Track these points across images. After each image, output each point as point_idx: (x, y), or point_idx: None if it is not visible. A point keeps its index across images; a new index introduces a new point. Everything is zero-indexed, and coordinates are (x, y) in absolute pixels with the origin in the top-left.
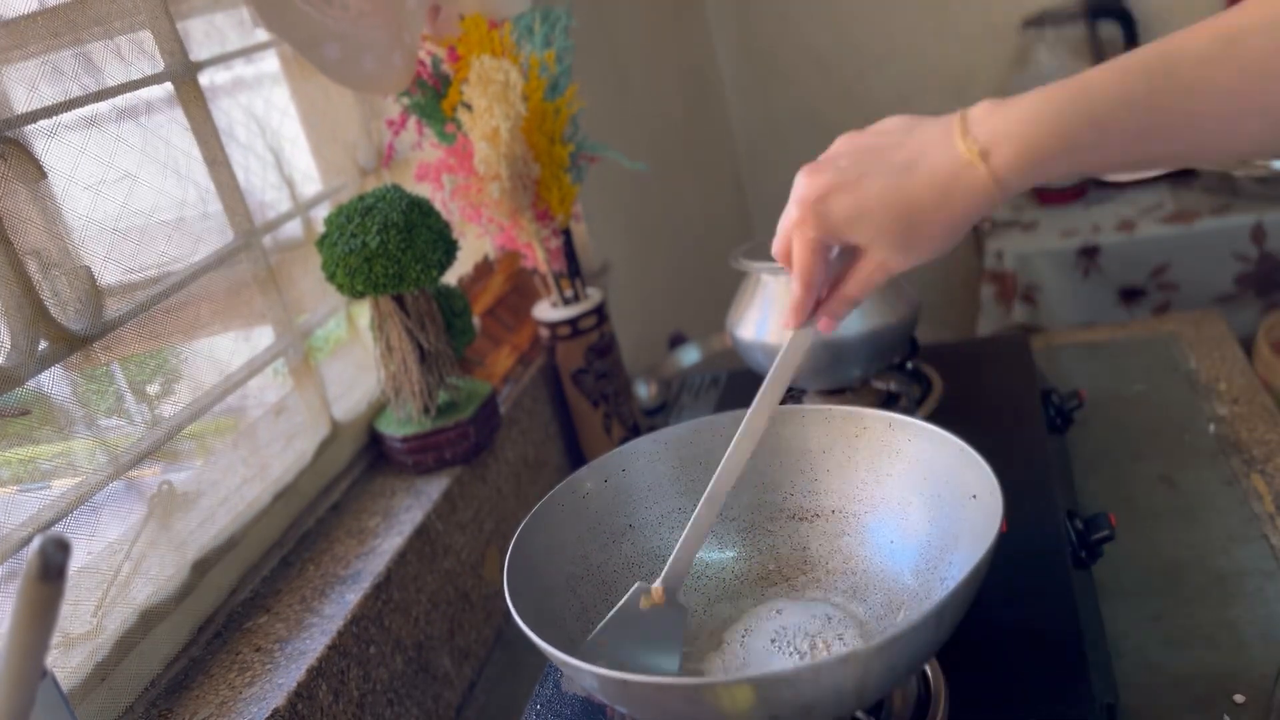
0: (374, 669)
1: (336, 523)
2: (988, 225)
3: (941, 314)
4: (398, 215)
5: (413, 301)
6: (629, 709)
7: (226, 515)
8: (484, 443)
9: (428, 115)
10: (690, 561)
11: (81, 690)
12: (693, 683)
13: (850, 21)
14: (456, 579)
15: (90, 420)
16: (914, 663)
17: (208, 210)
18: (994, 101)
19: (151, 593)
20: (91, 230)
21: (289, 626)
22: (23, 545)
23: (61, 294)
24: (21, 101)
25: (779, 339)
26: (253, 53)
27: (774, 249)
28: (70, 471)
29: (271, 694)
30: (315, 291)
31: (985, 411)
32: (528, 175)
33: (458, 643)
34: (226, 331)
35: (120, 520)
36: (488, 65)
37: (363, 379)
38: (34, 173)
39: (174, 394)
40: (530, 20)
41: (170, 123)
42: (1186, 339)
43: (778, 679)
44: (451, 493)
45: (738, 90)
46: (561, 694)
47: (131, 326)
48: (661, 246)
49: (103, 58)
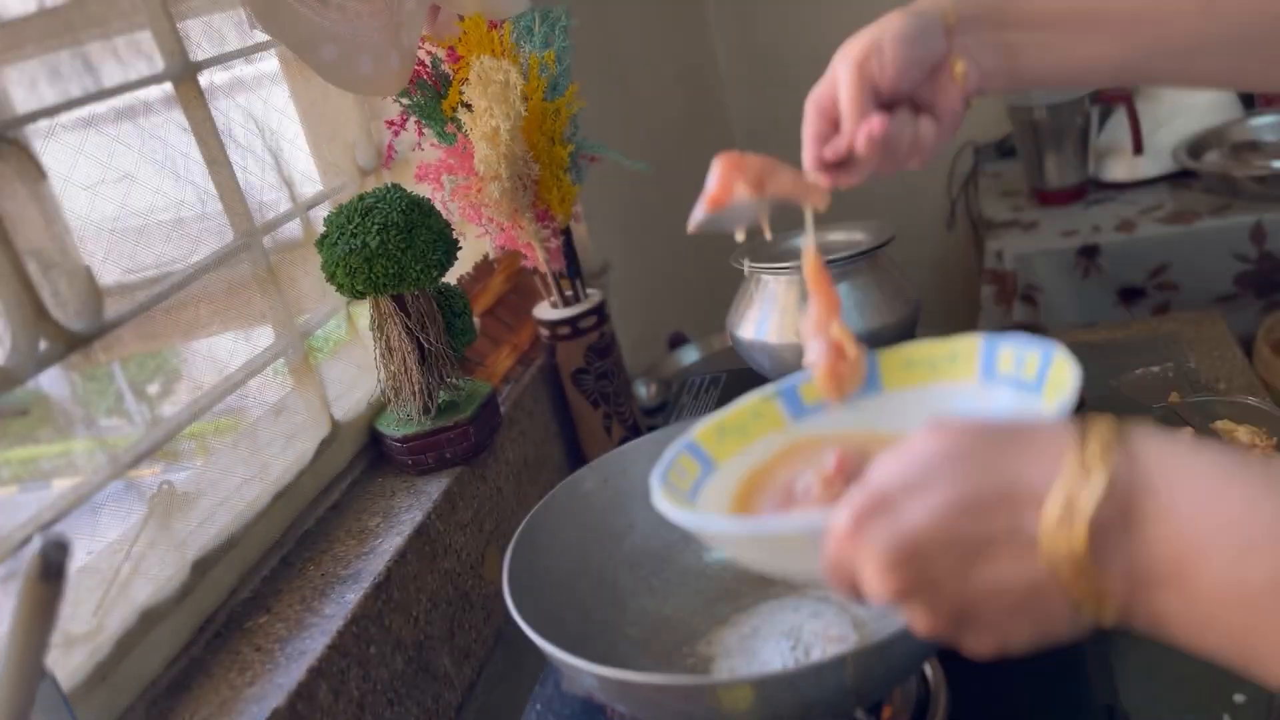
0: (374, 669)
1: (337, 523)
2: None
3: (941, 314)
4: (398, 215)
5: (413, 301)
6: (629, 708)
7: (226, 515)
8: (484, 443)
9: (427, 115)
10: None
11: (81, 690)
12: (693, 682)
13: (850, 22)
14: (456, 579)
15: (90, 420)
16: (914, 663)
17: (207, 210)
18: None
19: (151, 593)
20: (91, 230)
21: (289, 626)
22: (23, 545)
23: (61, 294)
24: (21, 102)
25: (779, 339)
26: (252, 53)
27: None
28: (70, 471)
29: (272, 694)
30: (315, 291)
31: None
32: (528, 175)
33: (458, 643)
34: (226, 332)
35: (120, 520)
36: (487, 65)
37: (363, 379)
38: (33, 173)
39: (174, 394)
40: (530, 20)
41: (169, 123)
42: (1186, 339)
43: (778, 679)
44: (451, 493)
45: (738, 90)
46: (561, 694)
47: (131, 326)
48: (661, 246)
49: (101, 58)
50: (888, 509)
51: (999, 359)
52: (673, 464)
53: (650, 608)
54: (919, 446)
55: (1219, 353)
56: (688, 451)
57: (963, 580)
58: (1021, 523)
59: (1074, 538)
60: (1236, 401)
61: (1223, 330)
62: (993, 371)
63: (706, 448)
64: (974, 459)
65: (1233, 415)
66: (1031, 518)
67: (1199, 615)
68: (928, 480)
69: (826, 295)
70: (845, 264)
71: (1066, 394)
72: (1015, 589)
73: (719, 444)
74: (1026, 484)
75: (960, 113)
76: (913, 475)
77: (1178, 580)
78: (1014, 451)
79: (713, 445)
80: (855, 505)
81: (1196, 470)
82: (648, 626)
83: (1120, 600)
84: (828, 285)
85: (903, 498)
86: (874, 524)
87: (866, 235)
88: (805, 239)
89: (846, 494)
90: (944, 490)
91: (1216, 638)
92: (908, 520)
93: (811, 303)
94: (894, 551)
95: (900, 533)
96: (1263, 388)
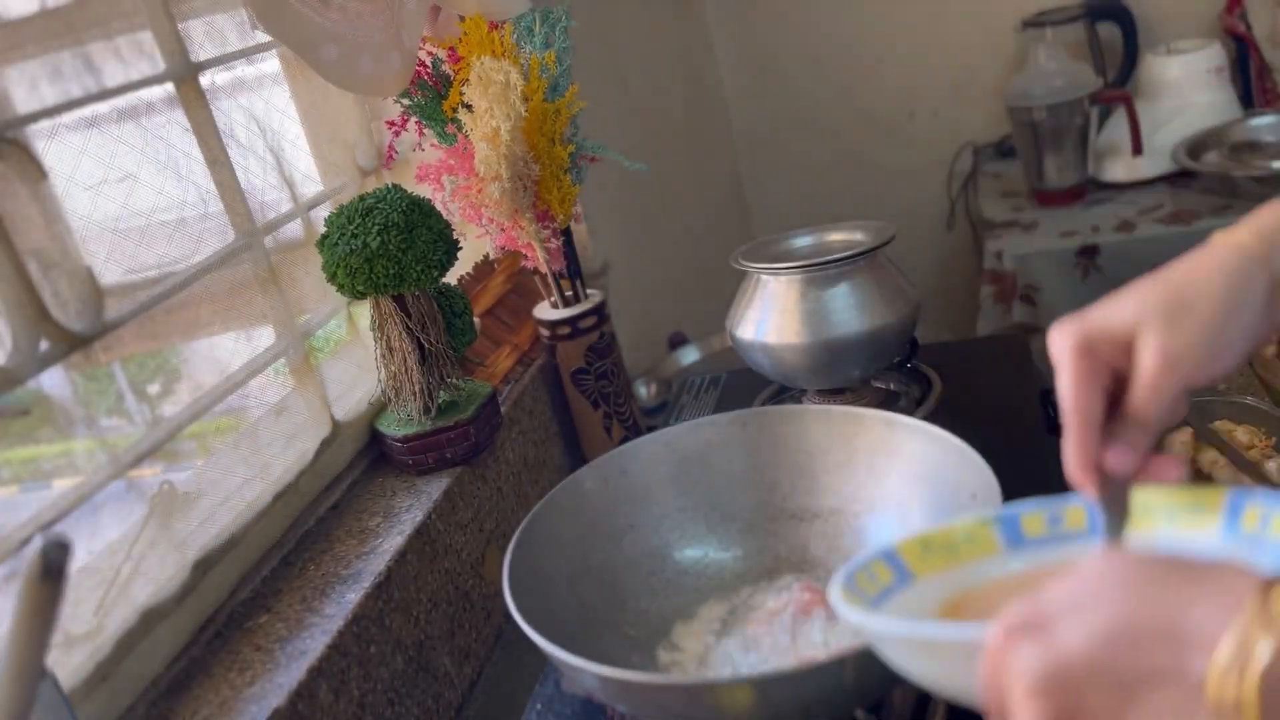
0: (374, 668)
1: (337, 522)
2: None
3: (941, 314)
4: (398, 216)
5: (413, 302)
6: (629, 708)
7: (227, 515)
8: (484, 443)
9: (428, 116)
10: None
11: (82, 690)
12: (693, 682)
13: (850, 22)
14: (457, 579)
15: (91, 420)
16: None
17: (208, 210)
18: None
19: (152, 592)
20: (92, 230)
21: (289, 626)
22: (23, 545)
23: (62, 294)
24: (22, 102)
25: (779, 339)
26: (253, 54)
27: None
28: (71, 471)
29: (272, 693)
30: (316, 292)
31: (985, 411)
32: (528, 176)
33: (458, 642)
34: (227, 332)
35: (121, 520)
36: (488, 66)
37: (363, 379)
38: (35, 173)
39: (174, 394)
40: (530, 21)
41: (171, 123)
42: None
43: (778, 678)
44: (452, 492)
45: (738, 90)
46: (562, 693)
47: (132, 326)
48: (661, 246)
49: (103, 58)
50: (1044, 628)
51: (1244, 515)
52: (864, 566)
53: (650, 608)
54: (1088, 568)
55: None
56: (884, 559)
57: (1116, 715)
58: (1187, 663)
59: (1245, 684)
60: (1236, 401)
61: None
62: (1236, 527)
63: (906, 559)
64: (1143, 589)
65: (1232, 415)
66: (1199, 660)
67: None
68: (1090, 604)
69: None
70: (845, 264)
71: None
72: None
73: (921, 559)
74: (1197, 623)
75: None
76: (1076, 597)
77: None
78: (1189, 588)
79: (914, 559)
80: (1010, 619)
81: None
82: (648, 626)
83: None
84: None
85: (1061, 618)
86: (1027, 642)
87: (866, 235)
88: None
89: (1006, 608)
90: (1106, 616)
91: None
92: (1063, 642)
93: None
94: (1043, 675)
95: (1052, 655)
96: (1262, 388)
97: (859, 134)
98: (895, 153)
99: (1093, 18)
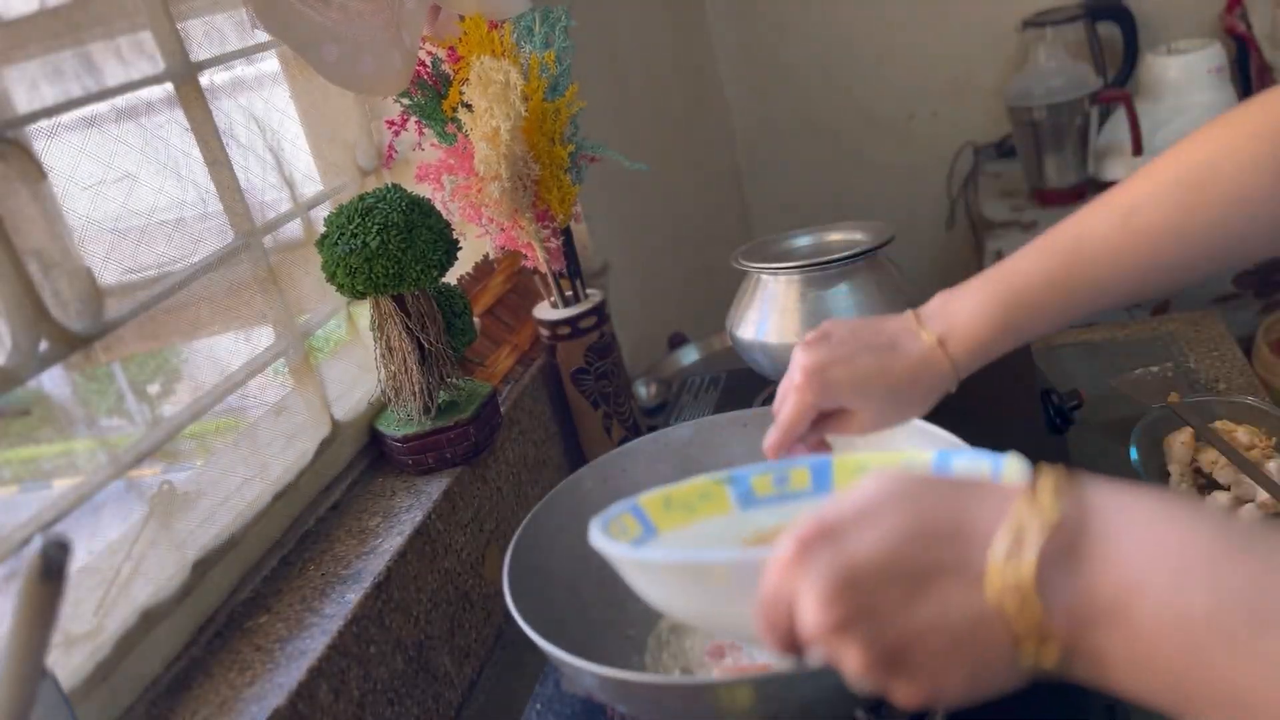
0: (374, 668)
1: (337, 522)
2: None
3: None
4: (398, 215)
5: (413, 301)
6: (629, 708)
7: (227, 515)
8: (484, 443)
9: (428, 116)
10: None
11: (82, 690)
12: (693, 682)
13: (850, 22)
14: (457, 579)
15: (91, 420)
16: None
17: (208, 210)
18: (944, 295)
19: (152, 592)
20: (92, 230)
21: (289, 626)
22: (23, 545)
23: (62, 294)
24: (22, 102)
25: (779, 339)
26: (253, 53)
27: (774, 406)
28: (71, 471)
29: (272, 693)
30: (315, 292)
31: (985, 411)
32: (528, 175)
33: (458, 642)
34: (227, 332)
35: (121, 520)
36: (488, 66)
37: (363, 379)
38: (34, 173)
39: (174, 394)
40: (530, 20)
41: (170, 123)
42: (1186, 339)
43: (778, 679)
44: (452, 493)
45: (738, 90)
46: (562, 693)
47: (132, 326)
48: (661, 246)
49: (103, 58)
50: (836, 537)
51: (952, 471)
52: (615, 518)
53: (651, 608)
54: (870, 486)
55: (1218, 352)
56: (631, 512)
57: (904, 612)
58: (969, 555)
59: (1021, 569)
60: (1236, 401)
61: (1222, 330)
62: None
63: (650, 514)
64: (925, 497)
65: (1232, 415)
66: (980, 552)
67: (1139, 655)
68: (878, 511)
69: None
70: (845, 264)
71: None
72: (956, 624)
73: (663, 514)
74: (976, 520)
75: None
76: (863, 509)
77: (1117, 617)
78: (965, 496)
79: (657, 513)
80: (802, 533)
81: (1139, 512)
82: (648, 626)
83: (1062, 640)
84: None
85: (852, 527)
86: (820, 551)
87: (866, 235)
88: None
89: (791, 526)
90: (893, 522)
91: (1156, 679)
92: (855, 546)
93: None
94: (838, 578)
95: (846, 558)
96: (1262, 387)
97: (859, 134)
98: (895, 153)
99: (1093, 17)
